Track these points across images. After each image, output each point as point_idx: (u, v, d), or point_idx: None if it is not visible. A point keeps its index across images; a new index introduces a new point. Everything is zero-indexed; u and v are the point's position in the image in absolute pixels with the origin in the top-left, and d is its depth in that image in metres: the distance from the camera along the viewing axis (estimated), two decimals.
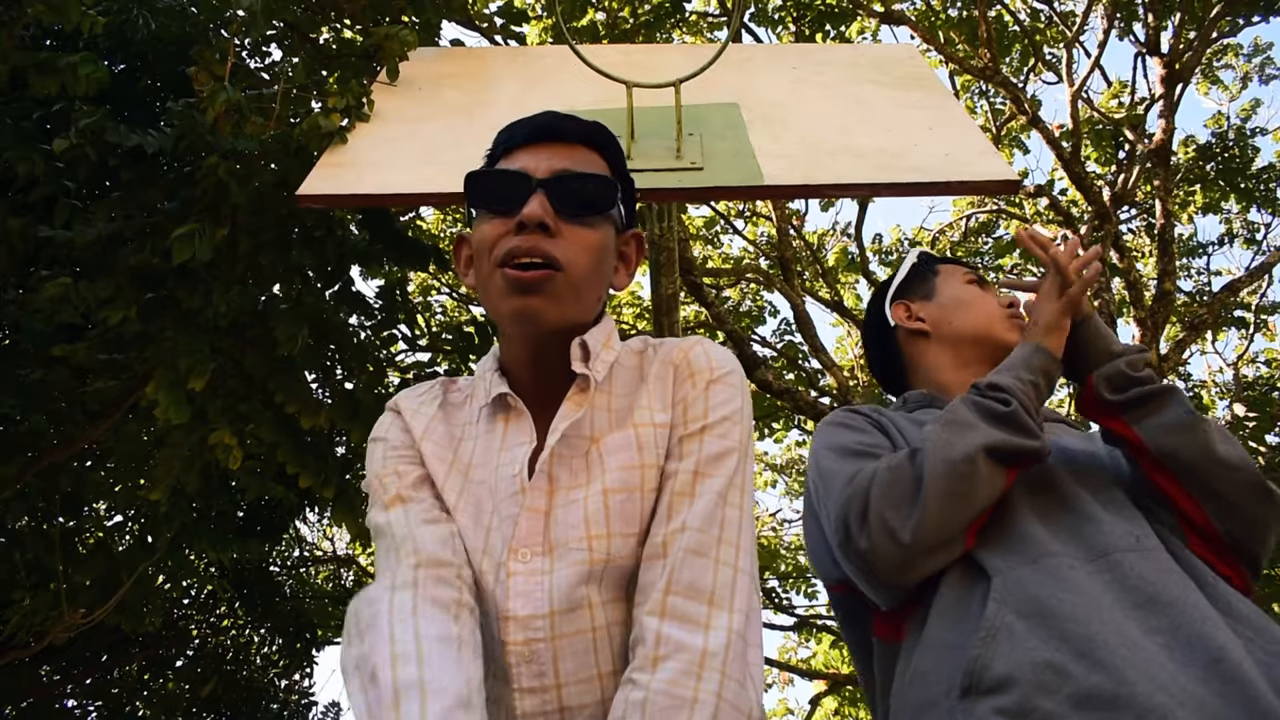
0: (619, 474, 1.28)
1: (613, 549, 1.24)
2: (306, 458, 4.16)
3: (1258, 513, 1.45)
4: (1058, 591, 1.32)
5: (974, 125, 3.17)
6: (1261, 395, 11.92)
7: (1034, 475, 1.54)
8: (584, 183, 1.35)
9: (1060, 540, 1.42)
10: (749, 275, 11.77)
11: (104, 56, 4.00)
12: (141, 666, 8.32)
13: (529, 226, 1.29)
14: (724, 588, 1.20)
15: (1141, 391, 1.55)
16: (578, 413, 1.32)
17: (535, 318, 1.29)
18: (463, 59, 3.69)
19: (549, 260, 1.28)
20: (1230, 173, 11.41)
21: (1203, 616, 1.27)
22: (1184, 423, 1.50)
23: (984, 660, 1.27)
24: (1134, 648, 1.22)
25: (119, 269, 3.47)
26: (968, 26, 10.10)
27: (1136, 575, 1.34)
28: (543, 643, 1.20)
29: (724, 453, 1.29)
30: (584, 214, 1.34)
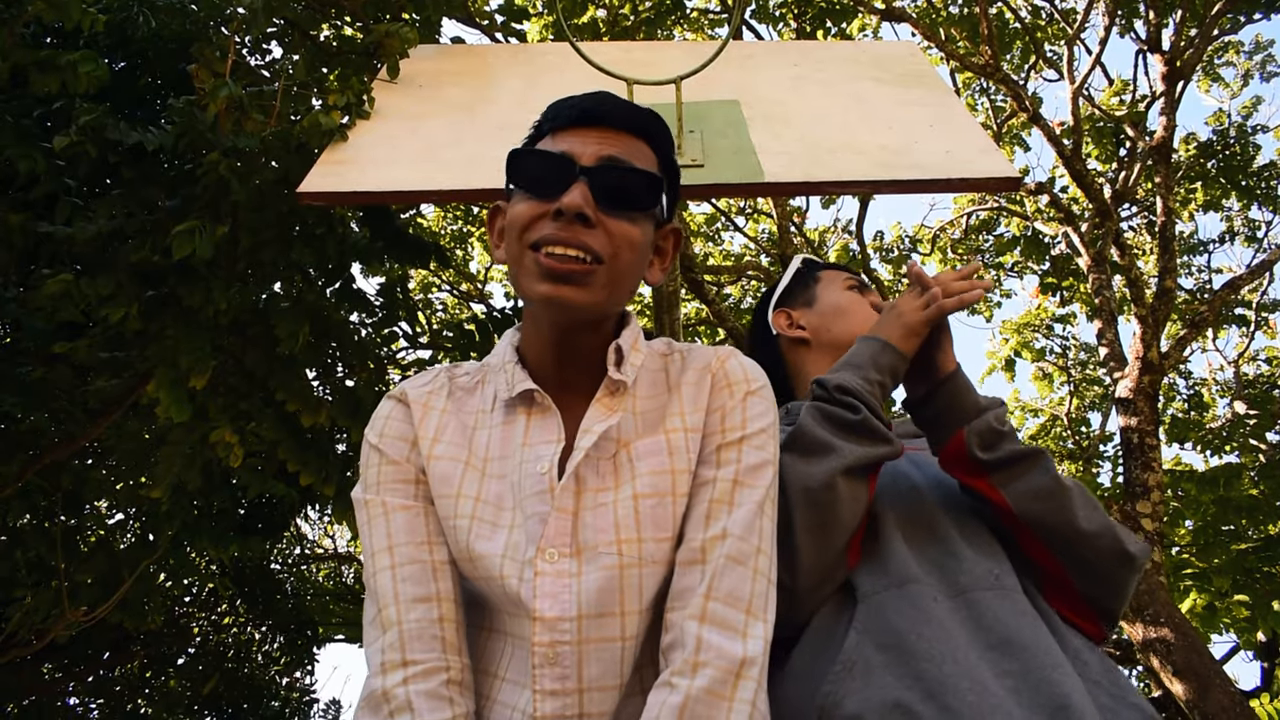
0: (650, 479, 1.26)
1: (644, 553, 1.22)
2: (307, 455, 4.16)
3: (1116, 576, 1.47)
4: (918, 625, 1.31)
5: (975, 123, 3.16)
6: (1262, 393, 11.93)
7: (902, 494, 1.55)
8: (629, 176, 1.31)
9: (925, 569, 1.42)
10: (750, 272, 11.77)
11: (104, 54, 4.00)
12: (143, 664, 8.33)
13: (567, 216, 1.25)
14: (760, 597, 1.20)
15: (1012, 452, 1.50)
16: (612, 418, 1.30)
17: (567, 305, 1.25)
18: (463, 56, 3.69)
19: (587, 251, 1.25)
20: (1231, 170, 11.41)
21: (1053, 663, 1.28)
22: (1049, 490, 1.47)
23: (835, 697, 1.27)
24: (983, 693, 1.23)
25: (120, 266, 3.47)
26: (969, 23, 10.10)
27: (992, 616, 1.34)
28: (568, 645, 1.18)
29: (762, 464, 1.29)
30: (626, 208, 1.30)
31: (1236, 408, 11.93)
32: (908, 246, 13.06)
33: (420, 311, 8.12)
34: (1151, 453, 7.71)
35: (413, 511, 1.30)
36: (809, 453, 1.43)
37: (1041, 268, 12.31)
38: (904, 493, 1.56)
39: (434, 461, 1.32)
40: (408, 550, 1.26)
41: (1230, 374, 13.40)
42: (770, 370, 2.03)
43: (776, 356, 1.99)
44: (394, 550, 1.27)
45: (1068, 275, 11.92)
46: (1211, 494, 8.03)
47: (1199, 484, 8.32)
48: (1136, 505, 7.34)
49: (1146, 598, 6.68)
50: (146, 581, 5.80)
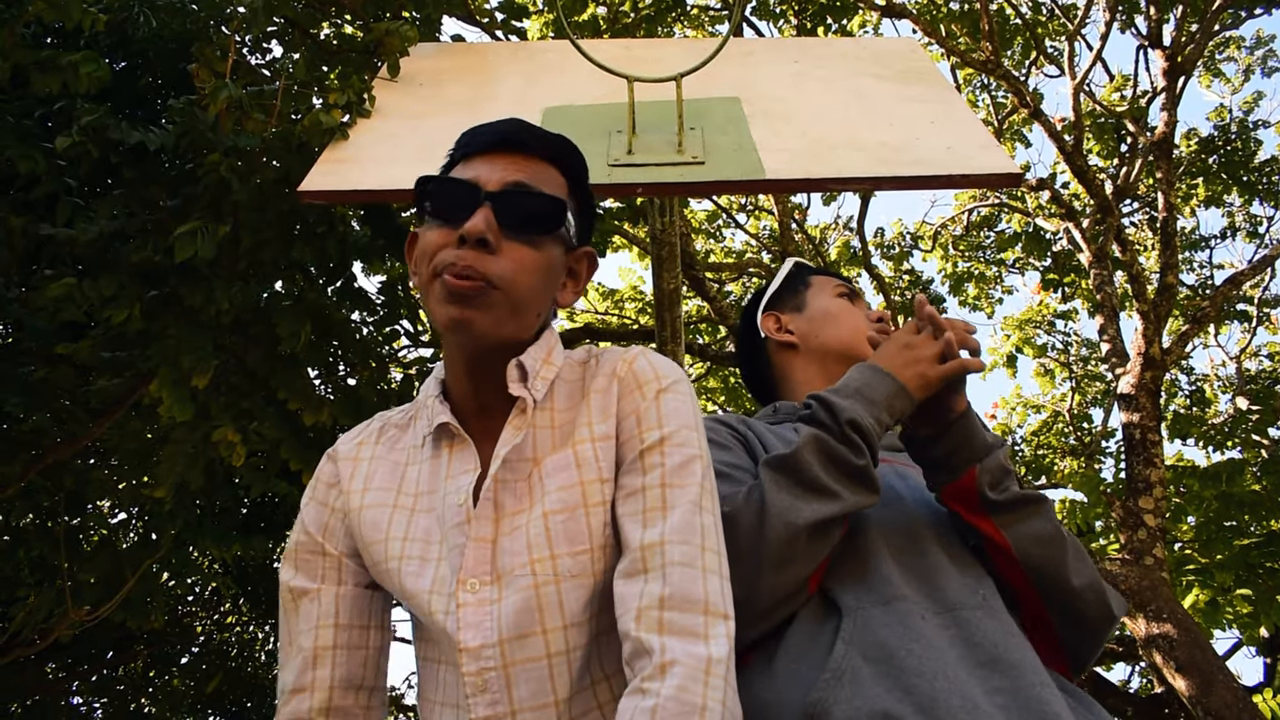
0: (558, 494, 1.27)
1: (560, 568, 1.23)
2: (310, 454, 4.16)
3: (1097, 630, 1.48)
4: (906, 641, 1.30)
5: (976, 118, 3.16)
6: (1264, 389, 11.92)
7: (889, 506, 1.52)
8: (533, 200, 1.33)
9: (911, 586, 1.40)
10: (751, 269, 11.77)
11: (105, 54, 4.00)
12: (146, 663, 8.34)
13: (469, 241, 1.27)
14: (715, 595, 1.19)
15: (1020, 494, 1.49)
16: (517, 437, 1.31)
17: (469, 328, 1.26)
18: (464, 54, 3.69)
19: (483, 278, 1.26)
20: (1232, 166, 11.39)
21: (1041, 681, 1.28)
22: (1049, 536, 1.47)
23: (824, 705, 1.24)
24: (973, 710, 1.22)
25: (121, 267, 3.47)
26: (969, 19, 10.09)
27: (981, 634, 1.33)
28: (494, 671, 1.20)
29: (688, 461, 1.28)
30: (529, 232, 1.32)
31: (1239, 403, 11.92)
32: (909, 243, 13.05)
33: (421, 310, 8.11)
34: (1154, 448, 7.70)
35: (308, 597, 1.35)
36: (803, 488, 1.38)
37: (1043, 264, 12.30)
38: (890, 505, 1.53)
39: (364, 511, 1.36)
40: (300, 640, 1.33)
41: (1232, 369, 13.40)
42: (756, 372, 2.04)
43: (764, 359, 2.00)
44: (291, 643, 1.35)
45: (1069, 271, 11.91)
46: (1214, 490, 8.01)
47: (1201, 480, 8.31)
48: (1139, 501, 7.33)
49: (1149, 594, 6.68)
50: (149, 581, 5.80)
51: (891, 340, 1.56)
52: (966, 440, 1.50)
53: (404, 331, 5.10)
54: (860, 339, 1.88)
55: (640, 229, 8.60)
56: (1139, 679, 12.16)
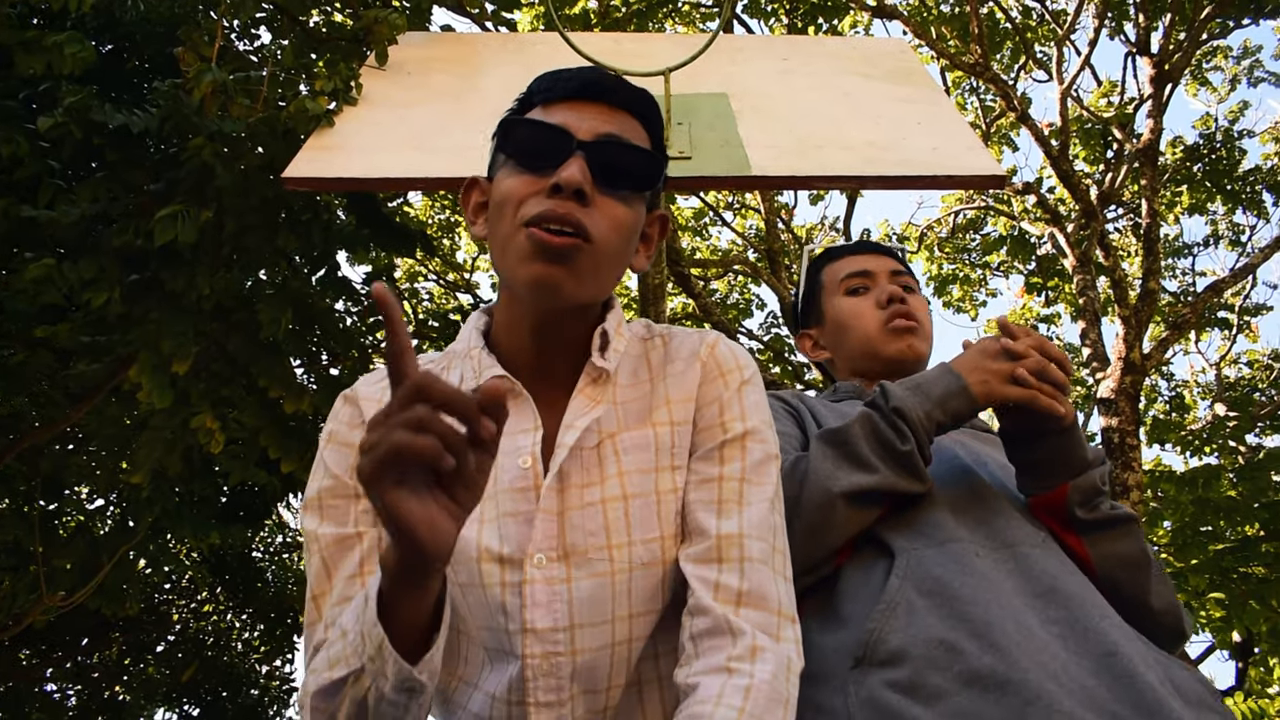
0: (638, 478, 1.20)
1: (634, 556, 1.17)
2: (289, 442, 4.15)
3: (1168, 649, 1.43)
4: (960, 575, 1.30)
5: (962, 120, 3.17)
6: (1243, 396, 12.01)
7: (947, 466, 1.53)
8: (629, 154, 1.23)
9: (967, 528, 1.40)
10: (737, 267, 11.79)
11: (91, 36, 3.98)
12: (122, 651, 8.31)
13: (565, 191, 1.16)
14: (788, 600, 1.16)
15: (1110, 515, 1.47)
16: (596, 410, 1.23)
17: (556, 289, 1.17)
18: (452, 44, 3.68)
19: (580, 230, 1.16)
20: (1217, 174, 11.47)
21: (1100, 614, 1.27)
22: (1135, 559, 1.46)
23: (880, 634, 1.26)
24: (1029, 635, 1.22)
25: (103, 250, 3.44)
26: (959, 22, 10.12)
27: (1039, 568, 1.34)
28: (563, 656, 1.14)
29: (766, 459, 1.25)
30: (623, 188, 1.22)
31: (1217, 410, 12.01)
32: (895, 244, 13.08)
33: (406, 300, 8.10)
34: (1132, 453, 7.75)
35: (347, 543, 1.19)
36: (846, 460, 1.41)
37: (1027, 267, 12.36)
38: (949, 461, 1.54)
39: None
40: (340, 587, 1.17)
41: (1212, 376, 13.49)
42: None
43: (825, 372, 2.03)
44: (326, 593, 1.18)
45: (1053, 275, 11.97)
46: (1190, 494, 8.07)
47: (1178, 484, 8.37)
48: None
49: None
50: (125, 568, 5.77)
51: (978, 344, 1.55)
52: (1064, 454, 1.47)
53: None
54: (875, 337, 1.83)
55: None
56: None
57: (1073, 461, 1.46)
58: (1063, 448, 1.46)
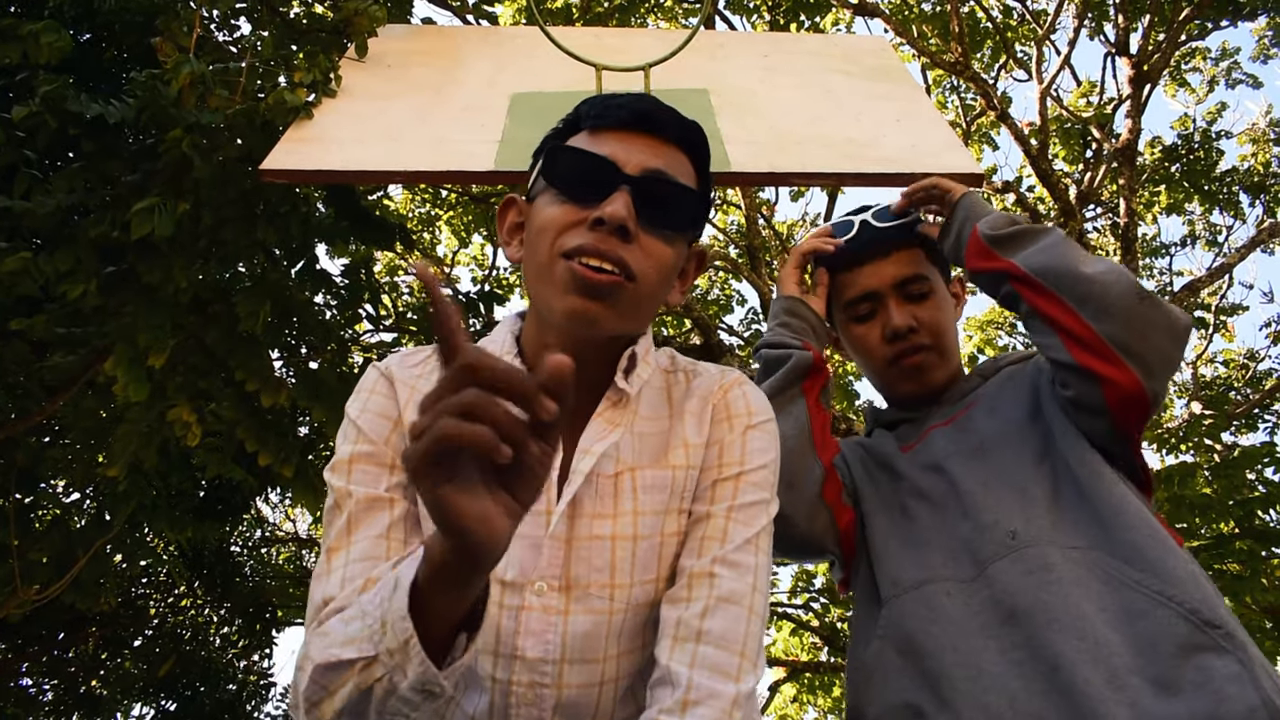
0: (652, 519, 1.20)
1: (633, 597, 1.17)
2: (267, 436, 4.14)
3: (1133, 309, 1.45)
4: (926, 624, 1.40)
5: (941, 118, 3.18)
6: (1219, 395, 12.10)
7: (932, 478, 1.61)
8: (676, 192, 1.22)
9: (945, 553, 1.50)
10: (718, 263, 11.79)
11: (69, 25, 3.94)
12: (98, 645, 8.25)
13: (608, 226, 1.15)
14: (754, 640, 1.14)
15: (1021, 229, 1.62)
16: (615, 434, 1.23)
17: (594, 324, 1.16)
18: (433, 37, 3.67)
19: (623, 268, 1.16)
20: (1194, 175, 11.55)
21: (1048, 620, 1.31)
22: (1053, 243, 1.57)
23: (859, 705, 1.41)
24: (978, 677, 1.30)
25: (79, 241, 3.42)
26: (940, 21, 10.15)
27: (1002, 589, 1.38)
28: (549, 689, 1.14)
29: (758, 503, 1.23)
30: (665, 226, 1.21)
31: (1193, 408, 12.10)
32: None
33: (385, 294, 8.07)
34: None
35: (378, 505, 1.17)
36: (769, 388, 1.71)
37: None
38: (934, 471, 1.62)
39: None
40: (363, 545, 1.14)
41: (1188, 375, 13.59)
42: None
43: None
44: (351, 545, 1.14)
45: None
46: (1166, 492, 8.12)
47: (1154, 482, 8.43)
48: None
49: None
50: (102, 562, 5.74)
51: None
52: (969, 211, 1.72)
53: (366, 315, 5.07)
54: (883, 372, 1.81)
55: None
56: None
57: (979, 213, 1.70)
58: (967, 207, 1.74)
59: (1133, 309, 1.45)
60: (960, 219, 1.72)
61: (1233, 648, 1.23)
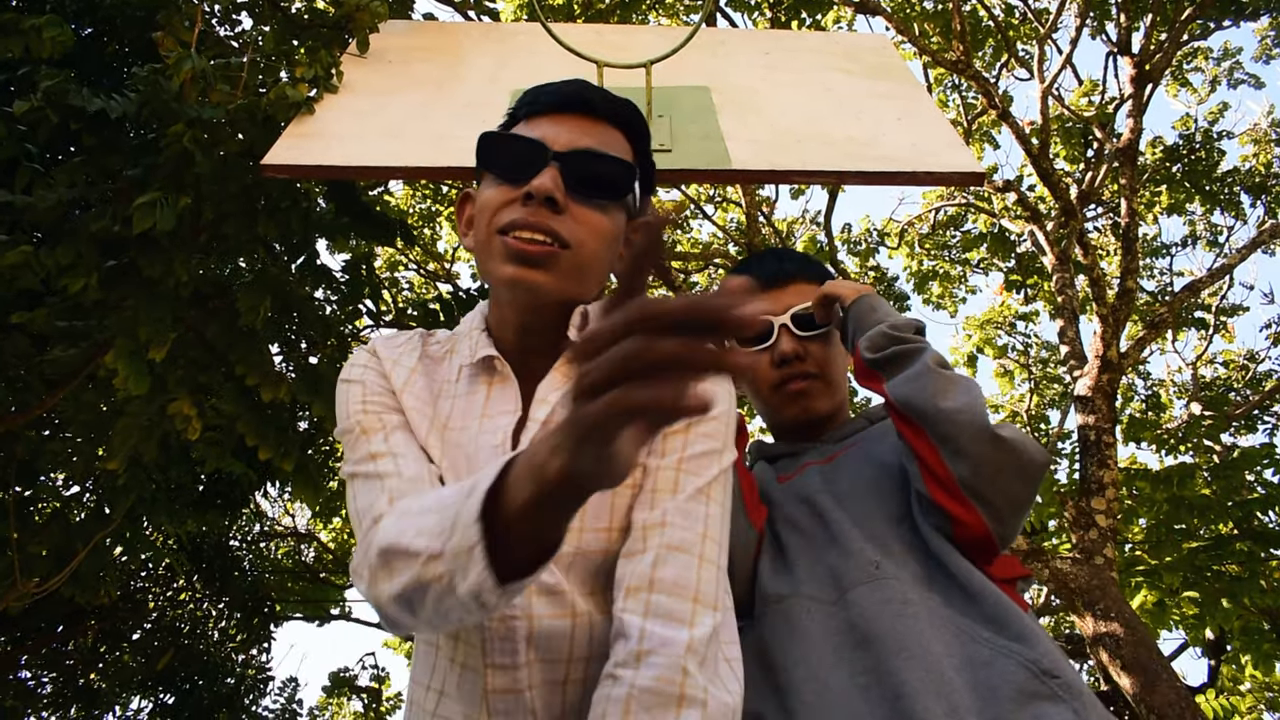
0: None
1: (582, 541, 1.20)
2: (266, 430, 4.14)
3: (984, 454, 1.46)
4: (783, 639, 1.41)
5: (942, 117, 3.18)
6: (1218, 395, 12.11)
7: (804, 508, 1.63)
8: (601, 163, 1.29)
9: (810, 573, 1.51)
10: (717, 260, 11.79)
11: (70, 20, 3.95)
12: (97, 638, 8.26)
13: (536, 199, 1.24)
14: (708, 584, 1.16)
15: (896, 351, 1.60)
16: (566, 385, 1.26)
17: (534, 289, 1.24)
18: (434, 33, 3.67)
19: (554, 237, 1.24)
20: (1196, 175, 11.56)
21: (899, 648, 1.33)
22: (918, 373, 1.55)
23: None
24: (824, 692, 1.31)
25: (80, 236, 3.42)
26: (942, 19, 10.15)
27: (859, 613, 1.40)
28: (520, 620, 1.17)
29: (709, 452, 1.26)
30: (596, 196, 1.29)
31: (1193, 409, 12.10)
32: (875, 240, 13.12)
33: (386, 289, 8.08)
34: (1108, 450, 7.81)
35: (403, 423, 1.29)
36: None
37: (1007, 265, 12.42)
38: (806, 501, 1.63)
39: (405, 409, 1.32)
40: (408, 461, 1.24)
41: (1188, 375, 13.59)
42: None
43: None
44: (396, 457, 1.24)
45: (1032, 273, 12.04)
46: (1165, 493, 8.13)
47: (1153, 483, 8.43)
48: (1091, 502, 7.44)
49: (1098, 593, 6.77)
50: (101, 555, 5.74)
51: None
52: (855, 322, 1.71)
53: (366, 310, 5.08)
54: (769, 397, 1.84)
55: None
56: (1087, 676, 12.35)
57: (864, 326, 1.68)
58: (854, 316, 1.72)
59: (984, 454, 1.46)
60: (850, 331, 1.74)
61: (1069, 697, 1.27)
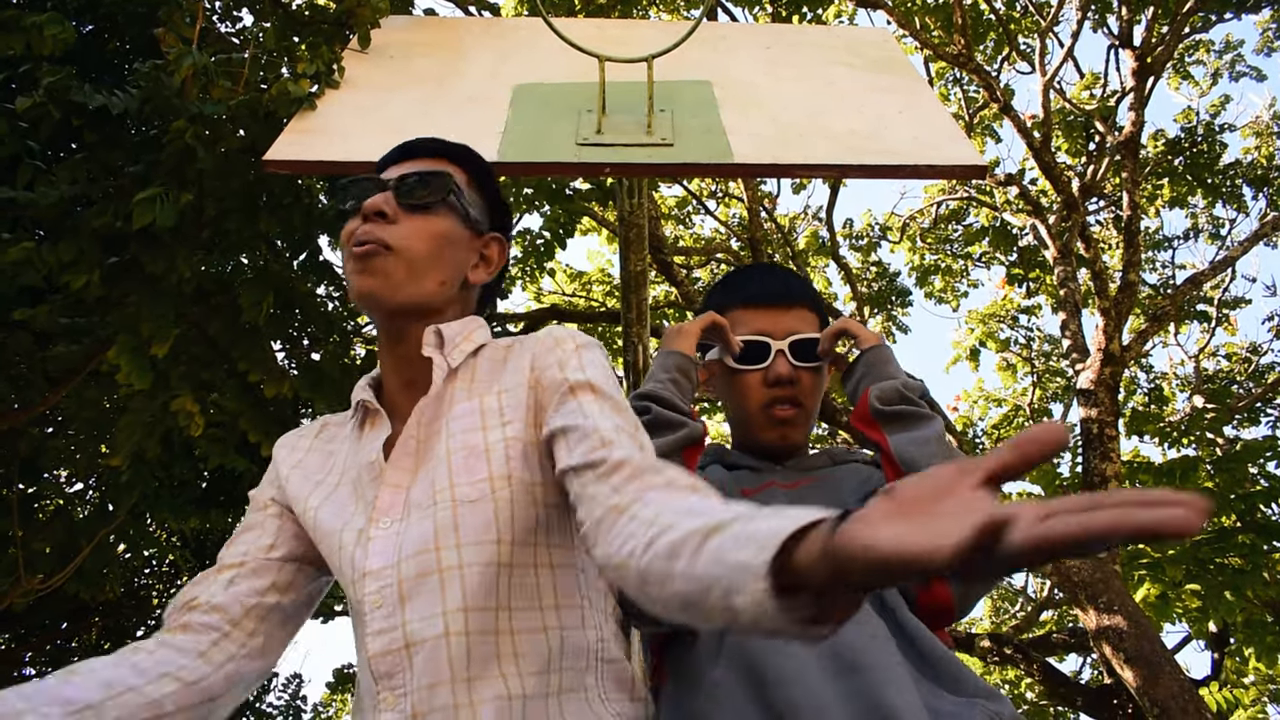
0: (461, 437, 1.35)
1: (457, 495, 1.29)
2: (269, 426, 4.14)
3: None
4: (773, 655, 1.39)
5: (944, 110, 3.18)
6: (1221, 388, 12.11)
7: None
8: (420, 176, 1.49)
9: None
10: (719, 255, 11.80)
11: (71, 16, 3.94)
12: (101, 634, 8.26)
13: (369, 215, 1.43)
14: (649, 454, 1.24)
15: (907, 410, 1.65)
16: (431, 397, 1.40)
17: (371, 295, 1.40)
18: (435, 28, 3.67)
19: (378, 242, 1.40)
20: (1198, 168, 11.54)
21: (888, 679, 1.34)
22: (925, 438, 1.60)
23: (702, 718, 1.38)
24: (822, 712, 1.30)
25: (82, 232, 3.42)
26: (943, 13, 10.13)
27: (845, 644, 1.39)
28: (390, 587, 1.26)
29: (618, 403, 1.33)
30: (419, 202, 1.47)
31: (1195, 402, 12.10)
32: (877, 234, 13.12)
33: None
34: (1110, 444, 7.81)
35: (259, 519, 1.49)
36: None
37: (1009, 258, 12.41)
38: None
39: (289, 479, 1.49)
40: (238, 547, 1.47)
41: (1190, 369, 13.59)
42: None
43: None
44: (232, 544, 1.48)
45: (1034, 267, 12.03)
46: (1168, 486, 8.14)
47: (1156, 476, 8.42)
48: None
49: (1101, 586, 6.78)
50: (105, 551, 5.74)
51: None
52: (871, 369, 1.76)
53: None
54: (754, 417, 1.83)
55: (609, 211, 8.59)
56: (1090, 670, 12.37)
57: (881, 375, 1.73)
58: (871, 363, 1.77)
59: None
60: (860, 373, 1.79)
61: None
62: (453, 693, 1.20)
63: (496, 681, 1.21)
